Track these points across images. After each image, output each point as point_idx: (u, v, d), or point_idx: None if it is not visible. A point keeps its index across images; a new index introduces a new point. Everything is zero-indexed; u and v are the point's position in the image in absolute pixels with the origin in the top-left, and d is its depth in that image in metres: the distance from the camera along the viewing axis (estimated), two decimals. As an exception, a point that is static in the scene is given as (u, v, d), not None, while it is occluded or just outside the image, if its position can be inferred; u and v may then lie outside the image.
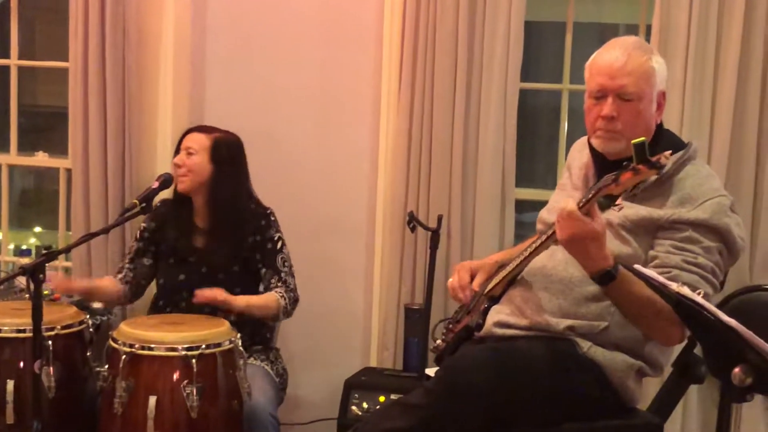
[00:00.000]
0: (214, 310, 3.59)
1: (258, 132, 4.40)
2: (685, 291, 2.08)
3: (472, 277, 3.03)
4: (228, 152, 3.78)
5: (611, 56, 2.79)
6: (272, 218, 3.81)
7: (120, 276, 3.87)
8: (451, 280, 3.06)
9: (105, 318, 4.08)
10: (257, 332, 3.79)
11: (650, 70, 2.78)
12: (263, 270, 3.75)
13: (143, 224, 3.89)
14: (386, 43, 4.36)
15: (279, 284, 3.72)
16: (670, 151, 2.49)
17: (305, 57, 4.52)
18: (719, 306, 3.65)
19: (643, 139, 2.45)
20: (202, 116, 4.52)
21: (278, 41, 4.54)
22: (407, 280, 4.34)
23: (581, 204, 2.57)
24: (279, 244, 3.77)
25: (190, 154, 3.72)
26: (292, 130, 4.55)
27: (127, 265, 3.88)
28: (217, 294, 3.51)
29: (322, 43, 4.51)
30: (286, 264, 3.77)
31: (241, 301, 3.59)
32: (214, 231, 3.75)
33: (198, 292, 3.50)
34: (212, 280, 3.64)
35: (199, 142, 3.74)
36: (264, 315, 3.69)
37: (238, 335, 3.40)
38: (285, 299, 3.69)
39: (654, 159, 2.43)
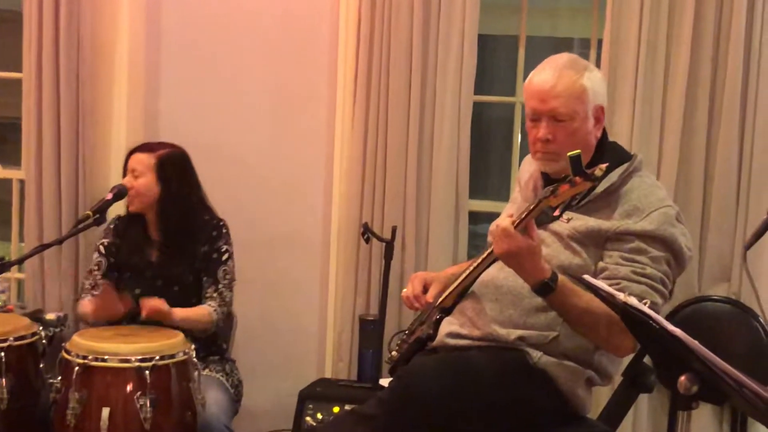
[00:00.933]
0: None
1: (212, 144, 4.40)
2: (632, 301, 2.11)
3: (426, 288, 3.06)
4: (174, 168, 3.75)
5: (541, 79, 2.83)
6: (224, 230, 3.79)
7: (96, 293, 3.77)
8: (405, 290, 3.08)
9: (58, 329, 4.05)
10: (213, 343, 3.78)
11: (581, 88, 2.80)
12: (204, 278, 3.74)
13: (105, 240, 3.84)
14: (341, 56, 4.38)
15: (215, 295, 3.70)
16: (605, 164, 2.53)
17: (260, 70, 4.53)
18: (669, 316, 3.71)
19: (578, 151, 2.50)
20: (156, 128, 4.51)
21: (233, 54, 4.55)
22: (362, 292, 4.36)
23: (517, 222, 2.62)
24: (225, 256, 3.75)
25: (136, 176, 3.71)
26: (247, 143, 4.55)
27: (100, 281, 3.76)
28: (161, 305, 3.50)
29: (276, 55, 4.52)
30: (227, 276, 3.74)
31: (178, 314, 3.57)
32: (167, 244, 3.74)
33: (143, 302, 3.49)
34: (167, 293, 3.63)
35: (144, 162, 3.72)
36: (195, 328, 3.65)
37: (193, 346, 3.39)
38: (217, 313, 3.67)
39: (589, 171, 2.48)
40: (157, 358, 3.24)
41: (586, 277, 2.41)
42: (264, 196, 4.54)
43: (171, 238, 3.73)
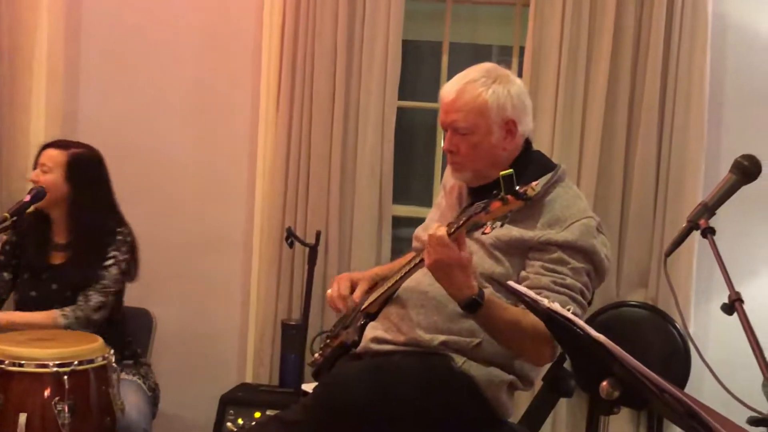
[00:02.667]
0: None
1: (133, 146, 4.35)
2: (556, 307, 2.12)
3: (353, 288, 3.06)
4: (85, 170, 3.67)
5: (446, 91, 2.87)
6: (119, 237, 3.68)
7: None
8: (330, 290, 3.08)
9: (-28, 334, 3.96)
10: (127, 347, 3.72)
11: (482, 103, 2.81)
12: None
13: (4, 236, 3.75)
14: (265, 59, 4.36)
15: (80, 298, 3.61)
16: (536, 182, 2.55)
17: (182, 71, 4.50)
18: (588, 321, 3.76)
19: (510, 171, 2.51)
20: (75, 129, 4.44)
21: (155, 55, 4.50)
22: (284, 296, 4.35)
23: (451, 231, 2.63)
24: (109, 262, 3.65)
25: (44, 171, 3.63)
26: (169, 145, 4.51)
27: None
28: None
29: (199, 57, 4.49)
30: (102, 281, 3.64)
31: (8, 318, 3.52)
32: (70, 248, 3.66)
33: None
34: (60, 298, 3.58)
35: (55, 159, 3.64)
36: None
37: (112, 351, 3.35)
38: (67, 318, 3.57)
39: (521, 190, 2.50)
40: (76, 363, 3.18)
41: (511, 283, 2.43)
42: (186, 199, 4.50)
43: (74, 242, 3.66)
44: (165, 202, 4.44)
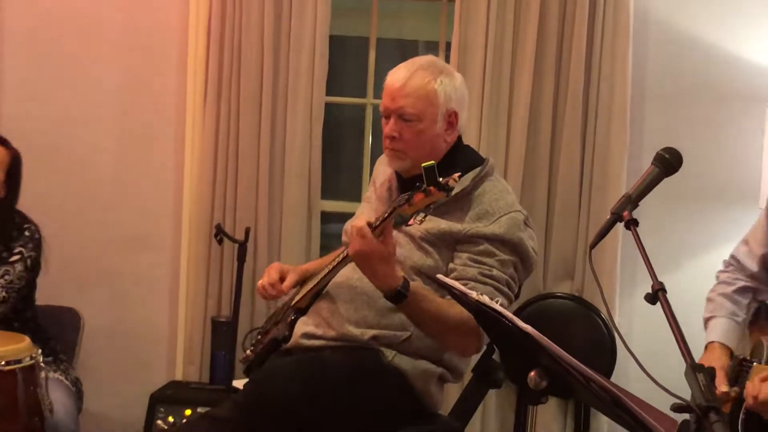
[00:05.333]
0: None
1: (59, 145, 4.30)
2: (485, 299, 2.15)
3: (282, 278, 3.06)
4: (19, 169, 3.68)
5: (394, 78, 2.89)
6: (26, 233, 3.64)
7: None
8: (260, 281, 3.08)
9: None
10: (46, 344, 3.67)
11: (431, 91, 2.85)
12: None
13: None
14: (191, 55, 4.32)
15: None
16: (458, 174, 2.58)
17: (107, 69, 4.44)
18: (516, 313, 3.81)
19: (432, 162, 2.54)
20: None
21: (78, 53, 4.43)
22: (214, 293, 4.33)
23: (375, 224, 2.65)
24: (15, 258, 3.59)
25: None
26: (95, 143, 4.45)
27: None
28: None
29: (124, 53, 4.43)
30: (5, 276, 3.56)
31: None
32: None
33: None
34: None
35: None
36: None
37: (39, 351, 3.31)
38: None
39: (443, 182, 2.52)
40: (3, 363, 3.15)
41: (440, 276, 2.46)
42: (113, 196, 4.45)
43: None
44: (91, 200, 4.39)
